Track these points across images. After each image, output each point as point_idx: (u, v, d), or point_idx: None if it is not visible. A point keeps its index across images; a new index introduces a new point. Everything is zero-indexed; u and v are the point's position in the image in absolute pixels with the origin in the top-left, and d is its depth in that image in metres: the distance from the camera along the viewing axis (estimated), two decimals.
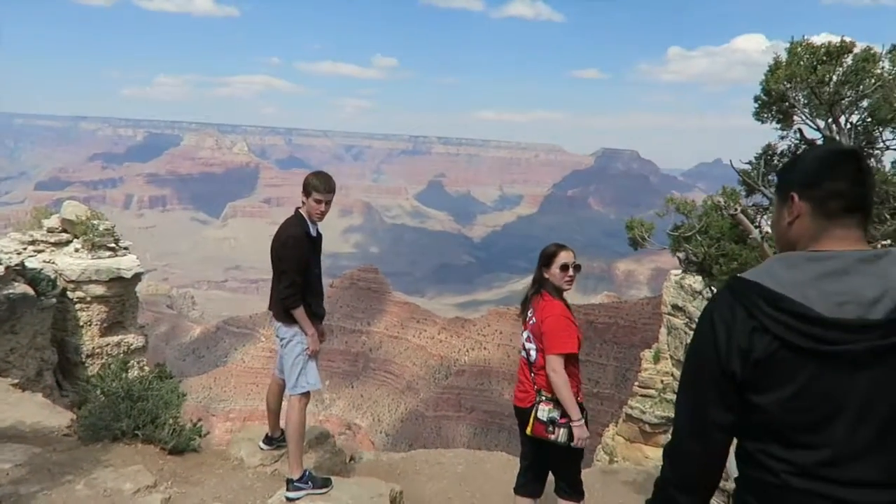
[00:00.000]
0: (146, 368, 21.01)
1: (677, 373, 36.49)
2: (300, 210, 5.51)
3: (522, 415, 4.88)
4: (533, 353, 4.86)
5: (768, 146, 7.18)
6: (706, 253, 6.96)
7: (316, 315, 5.62)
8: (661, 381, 36.67)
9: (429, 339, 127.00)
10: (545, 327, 4.72)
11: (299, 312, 5.37)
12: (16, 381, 9.18)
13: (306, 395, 5.48)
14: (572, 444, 4.64)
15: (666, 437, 35.62)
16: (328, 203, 5.45)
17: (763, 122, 6.92)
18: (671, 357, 35.99)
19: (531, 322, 4.92)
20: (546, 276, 4.91)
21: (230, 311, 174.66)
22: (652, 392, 36.69)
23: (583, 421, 4.65)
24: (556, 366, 4.62)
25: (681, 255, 7.48)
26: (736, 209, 6.82)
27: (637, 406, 36.28)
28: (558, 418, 4.63)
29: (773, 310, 1.76)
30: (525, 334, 4.99)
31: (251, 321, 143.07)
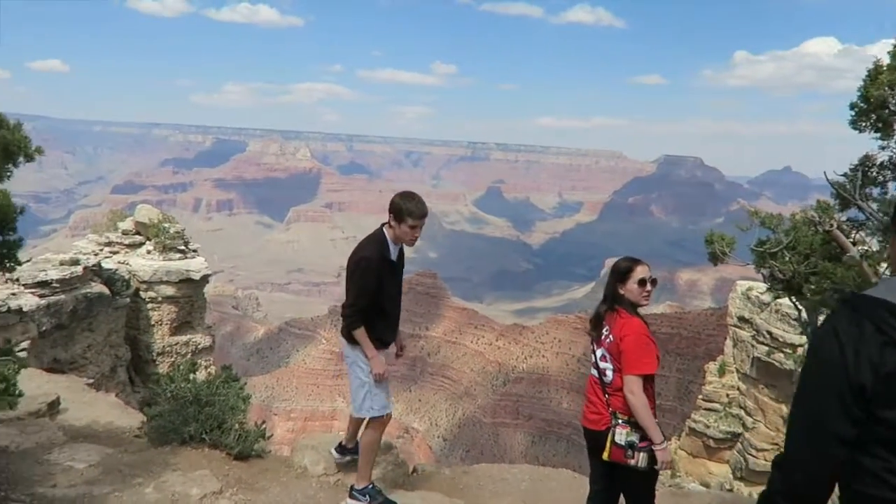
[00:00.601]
0: (213, 368, 21.54)
1: (743, 386, 35.12)
2: (385, 229, 5.25)
3: (595, 437, 4.63)
4: (609, 373, 4.58)
5: (866, 157, 6.63)
6: (795, 270, 6.46)
7: (381, 341, 5.37)
8: (727, 395, 35.38)
9: (486, 345, 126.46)
10: (624, 346, 4.47)
11: (359, 333, 5.17)
12: (90, 380, 9.50)
13: (380, 418, 5.30)
14: (655, 467, 4.40)
15: (731, 454, 34.36)
16: (422, 227, 5.19)
17: (860, 131, 6.39)
18: (737, 370, 34.68)
19: (607, 340, 4.62)
20: (621, 291, 4.65)
21: (293, 313, 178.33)
22: (717, 406, 35.44)
23: (666, 444, 4.41)
24: (634, 388, 4.37)
25: (766, 272, 6.99)
26: (831, 224, 6.29)
27: (701, 420, 35.07)
28: (637, 442, 4.39)
29: None
30: (599, 353, 4.69)
31: (312, 323, 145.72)
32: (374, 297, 5.18)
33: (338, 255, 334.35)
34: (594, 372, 4.73)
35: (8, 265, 4.66)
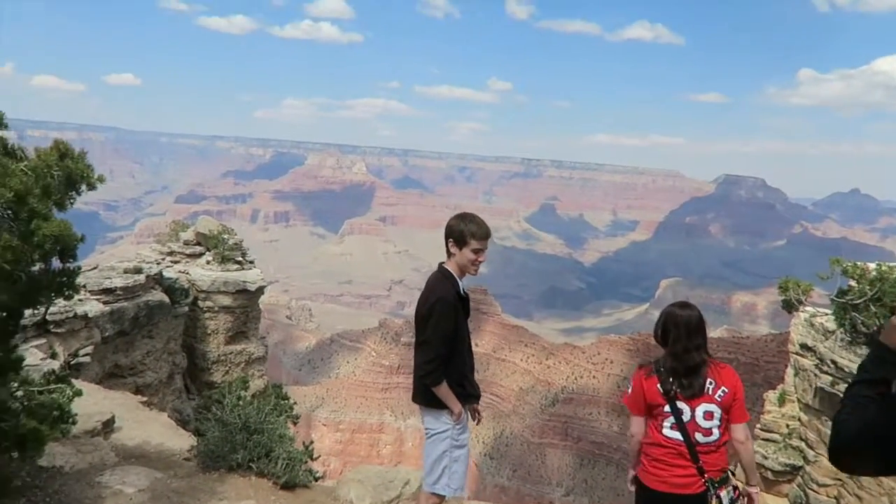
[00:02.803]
0: (265, 378, 21.72)
1: (805, 417, 33.46)
2: (446, 265, 4.73)
3: (687, 500, 4.20)
4: (716, 431, 4.18)
5: None
6: (880, 325, 5.89)
7: (471, 396, 4.85)
8: (787, 426, 33.72)
9: (536, 363, 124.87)
10: (740, 395, 4.14)
11: (442, 390, 4.59)
12: (144, 398, 9.60)
13: (442, 496, 4.82)
14: None
15: (790, 487, 32.69)
16: (485, 251, 4.72)
17: None
18: (798, 400, 33.10)
19: (719, 394, 4.19)
20: (705, 343, 4.33)
21: (344, 325, 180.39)
22: (776, 437, 33.75)
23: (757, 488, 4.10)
24: (746, 435, 4.05)
25: (847, 324, 6.43)
26: None
27: (759, 451, 33.39)
28: (733, 495, 4.05)
29: None
30: (702, 410, 4.20)
31: (363, 335, 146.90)
32: (453, 342, 4.61)
33: (389, 269, 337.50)
34: (676, 435, 4.24)
35: (66, 293, 4.68)
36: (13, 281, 4.09)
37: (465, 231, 4.64)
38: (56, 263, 4.57)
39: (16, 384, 4.44)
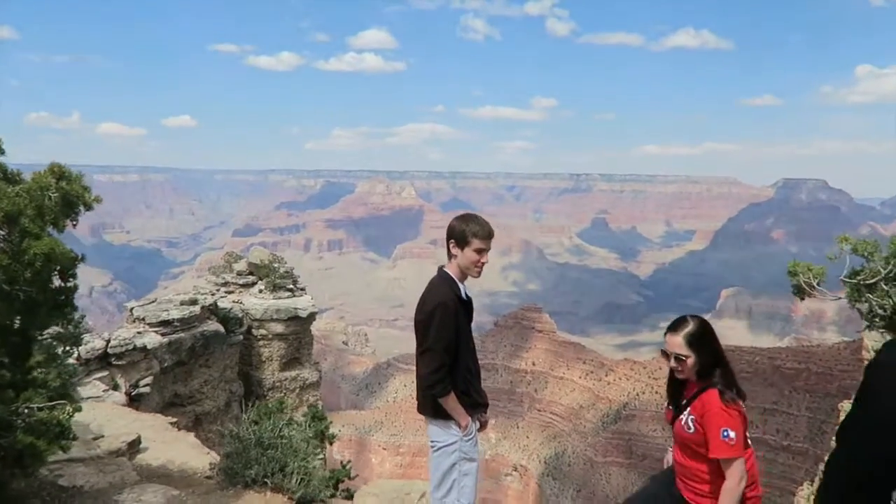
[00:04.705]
0: (320, 403, 21.85)
1: None
2: (445, 269, 4.50)
3: None
4: None
5: None
6: None
7: (478, 404, 4.59)
8: None
9: (596, 380, 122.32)
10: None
11: (450, 401, 4.37)
12: (174, 420, 9.69)
13: None
14: None
15: None
16: (488, 252, 4.44)
17: None
18: None
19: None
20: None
21: (400, 349, 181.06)
22: None
23: None
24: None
25: (863, 306, 5.76)
26: None
27: None
28: None
29: None
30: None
31: None
32: (457, 348, 4.37)
33: None
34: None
35: (66, 312, 4.74)
36: (10, 300, 4.16)
37: (466, 231, 4.38)
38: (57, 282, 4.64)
39: (19, 402, 4.48)
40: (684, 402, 4.04)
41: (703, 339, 3.95)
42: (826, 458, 1.82)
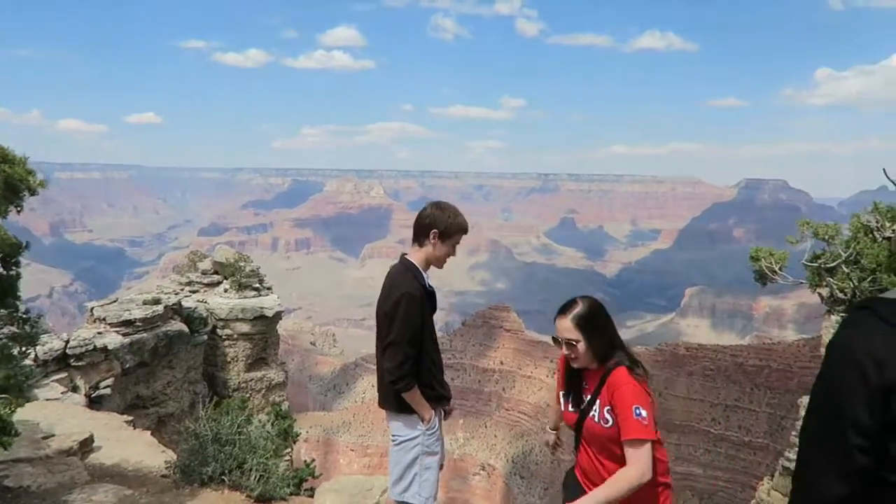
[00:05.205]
0: (286, 404, 21.62)
1: None
2: (409, 257, 4.33)
3: None
4: None
5: None
6: (857, 288, 5.36)
7: (442, 397, 4.44)
8: None
9: None
10: None
11: (415, 396, 4.22)
12: (129, 418, 9.45)
13: None
14: None
15: None
16: None
17: None
18: None
19: None
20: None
21: (368, 349, 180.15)
22: None
23: None
24: None
25: (823, 291, 5.88)
26: (894, 230, 5.18)
27: (795, 458, 32.58)
28: None
29: None
30: None
31: None
32: (421, 341, 4.22)
33: None
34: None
35: (8, 301, 4.53)
36: None
37: (452, 225, 4.25)
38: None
39: None
40: (588, 397, 3.82)
41: (595, 321, 3.75)
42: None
